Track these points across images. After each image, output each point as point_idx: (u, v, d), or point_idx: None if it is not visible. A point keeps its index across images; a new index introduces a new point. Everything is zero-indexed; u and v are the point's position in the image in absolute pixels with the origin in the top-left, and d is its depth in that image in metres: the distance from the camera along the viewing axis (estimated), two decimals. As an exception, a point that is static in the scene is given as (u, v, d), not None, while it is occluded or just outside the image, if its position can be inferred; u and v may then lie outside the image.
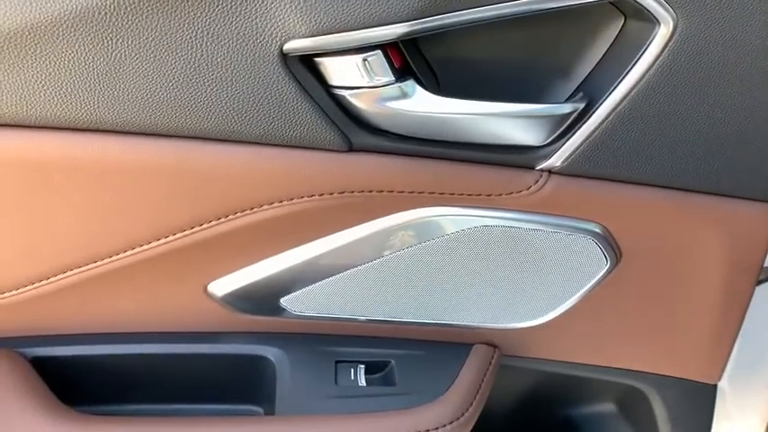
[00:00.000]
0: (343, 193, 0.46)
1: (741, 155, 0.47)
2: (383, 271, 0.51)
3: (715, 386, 0.61)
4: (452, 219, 0.49)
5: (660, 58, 0.43)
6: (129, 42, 0.40)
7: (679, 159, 0.47)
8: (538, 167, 0.47)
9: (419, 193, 0.47)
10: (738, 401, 0.74)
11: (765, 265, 0.54)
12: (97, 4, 0.39)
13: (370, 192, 0.46)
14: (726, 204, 0.50)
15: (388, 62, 0.42)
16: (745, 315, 0.56)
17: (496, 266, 0.52)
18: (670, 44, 0.43)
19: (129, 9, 0.39)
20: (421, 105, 0.44)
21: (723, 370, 0.59)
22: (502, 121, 0.45)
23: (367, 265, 0.51)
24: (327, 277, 0.51)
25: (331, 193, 0.46)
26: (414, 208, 0.48)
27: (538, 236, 0.50)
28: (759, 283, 0.62)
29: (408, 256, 0.51)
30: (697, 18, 0.42)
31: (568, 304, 0.54)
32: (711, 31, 0.43)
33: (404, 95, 0.43)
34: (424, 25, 0.40)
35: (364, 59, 0.42)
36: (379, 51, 0.42)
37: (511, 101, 0.44)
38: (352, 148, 0.45)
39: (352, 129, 0.44)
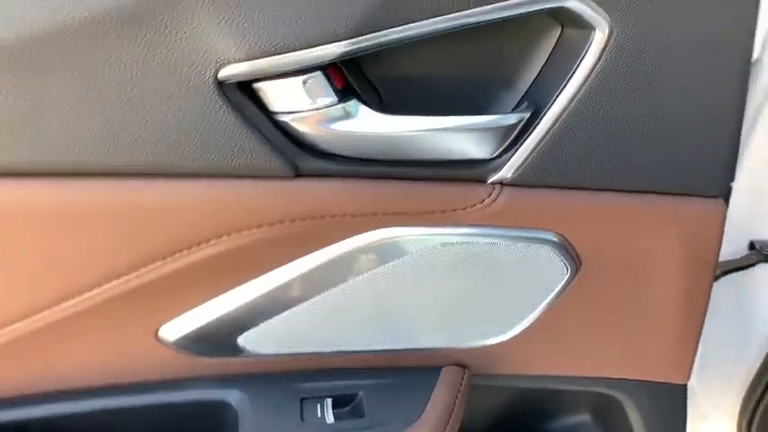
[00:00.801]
0: (294, 221, 0.45)
1: (687, 152, 0.48)
2: (342, 299, 0.50)
3: (685, 386, 0.61)
4: (409, 239, 0.48)
5: (599, 63, 0.44)
6: (51, 79, 0.38)
7: (627, 161, 0.47)
8: (490, 180, 0.47)
9: (372, 214, 0.46)
10: (711, 400, 0.75)
11: (720, 260, 0.55)
12: (13, 40, 0.37)
13: (322, 217, 0.45)
14: (677, 203, 0.50)
15: (329, 83, 0.41)
16: (707, 311, 0.56)
17: (458, 284, 0.51)
18: (607, 49, 0.43)
19: (48, 44, 0.37)
20: (366, 125, 0.43)
21: (691, 368, 0.59)
22: (449, 135, 0.44)
23: (325, 294, 0.49)
24: (284, 311, 0.49)
25: (281, 222, 0.44)
26: (368, 230, 0.47)
27: (497, 249, 0.49)
28: (716, 278, 0.63)
29: (367, 281, 0.49)
30: (630, 21, 0.43)
31: (533, 316, 0.54)
32: (645, 34, 0.43)
33: (348, 116, 0.42)
34: (361, 44, 0.40)
35: (304, 81, 0.41)
36: (318, 72, 0.41)
37: (457, 114, 0.44)
38: (298, 174, 0.44)
39: (297, 154, 0.43)
